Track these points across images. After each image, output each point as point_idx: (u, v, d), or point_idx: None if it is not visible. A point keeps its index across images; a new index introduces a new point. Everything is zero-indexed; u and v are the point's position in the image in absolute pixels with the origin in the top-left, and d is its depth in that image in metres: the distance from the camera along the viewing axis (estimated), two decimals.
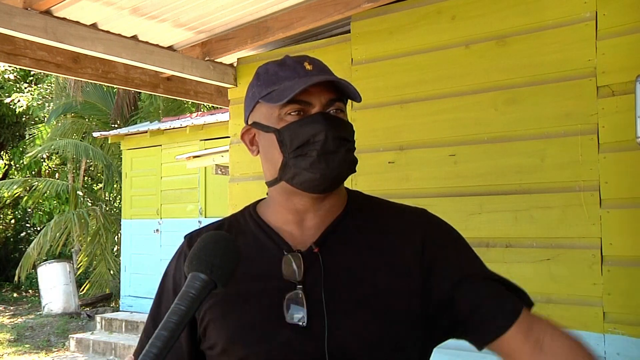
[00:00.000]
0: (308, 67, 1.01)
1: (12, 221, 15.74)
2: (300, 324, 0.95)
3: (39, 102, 13.07)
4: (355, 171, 1.03)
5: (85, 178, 13.11)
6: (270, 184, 1.06)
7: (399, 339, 0.97)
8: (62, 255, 12.00)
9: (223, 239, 0.87)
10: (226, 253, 0.84)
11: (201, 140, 7.96)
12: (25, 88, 14.02)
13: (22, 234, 15.41)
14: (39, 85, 14.11)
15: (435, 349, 1.06)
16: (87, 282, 10.69)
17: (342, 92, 1.01)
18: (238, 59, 3.14)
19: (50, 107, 12.71)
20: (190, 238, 1.10)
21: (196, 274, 0.81)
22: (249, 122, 1.07)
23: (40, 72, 8.13)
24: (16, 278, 10.46)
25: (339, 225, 1.03)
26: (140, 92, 11.05)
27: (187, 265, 0.83)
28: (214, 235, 0.87)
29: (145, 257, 8.67)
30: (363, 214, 1.07)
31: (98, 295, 10.63)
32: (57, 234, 10.16)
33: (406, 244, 1.02)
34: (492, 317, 0.99)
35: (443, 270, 1.01)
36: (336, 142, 0.97)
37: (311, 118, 0.98)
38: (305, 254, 0.99)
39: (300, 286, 0.97)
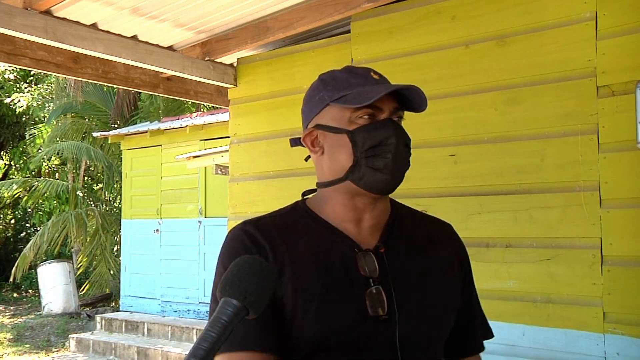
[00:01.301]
0: (375, 76, 1.10)
1: (12, 221, 15.74)
2: (381, 316, 1.03)
3: (39, 102, 13.07)
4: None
5: (85, 178, 13.10)
6: (328, 184, 1.11)
7: (446, 333, 1.13)
8: (62, 255, 12.00)
9: (258, 264, 0.84)
10: (261, 278, 0.82)
11: (201, 140, 7.95)
12: (25, 88, 14.01)
13: (22, 234, 15.41)
14: (39, 85, 14.11)
15: None
16: (87, 282, 10.69)
17: (403, 102, 1.10)
18: (238, 59, 3.14)
19: (51, 107, 12.71)
20: (247, 230, 1.09)
21: (229, 299, 0.79)
22: (311, 126, 1.12)
23: (40, 72, 8.14)
24: (11, 278, 10.44)
25: (393, 227, 1.13)
26: (140, 92, 11.05)
27: (219, 289, 0.81)
28: (248, 259, 0.85)
29: (145, 257, 8.66)
30: (408, 220, 1.17)
31: (98, 295, 10.63)
32: (55, 235, 10.15)
33: (449, 254, 1.18)
34: (466, 345, 1.22)
35: (466, 287, 1.20)
36: (403, 147, 1.07)
37: (383, 123, 1.06)
38: (374, 252, 1.07)
39: (377, 282, 1.04)
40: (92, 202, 12.09)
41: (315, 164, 1.14)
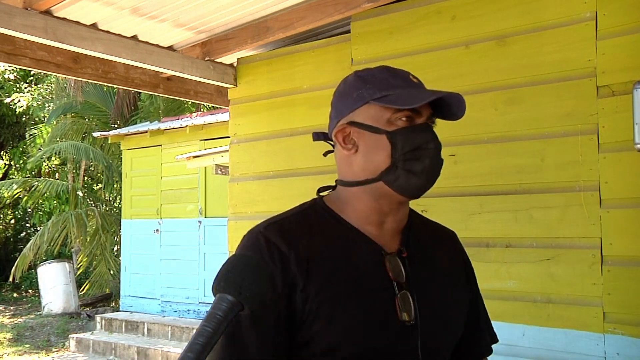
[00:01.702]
0: (414, 80, 1.10)
1: (12, 221, 15.74)
2: (408, 321, 1.02)
3: (39, 102, 13.07)
4: None
5: (85, 178, 13.10)
6: (357, 183, 1.07)
7: (457, 339, 1.14)
8: (62, 255, 12.00)
9: (253, 261, 0.88)
10: (255, 275, 0.84)
11: (201, 140, 7.95)
12: (25, 88, 14.02)
13: (22, 234, 15.41)
14: (39, 85, 14.11)
15: None
16: (87, 282, 10.69)
17: (436, 108, 1.10)
18: (238, 59, 3.14)
19: (51, 107, 12.71)
20: (269, 234, 1.04)
21: (224, 295, 0.81)
22: (344, 122, 1.08)
23: (40, 72, 8.13)
24: (10, 278, 10.44)
25: (410, 231, 1.12)
26: (140, 92, 11.05)
27: (215, 285, 0.83)
28: (243, 257, 0.89)
29: (145, 257, 8.66)
30: (420, 226, 1.17)
31: (98, 295, 10.63)
32: (55, 235, 10.15)
33: (457, 261, 1.20)
34: (473, 349, 1.22)
35: (472, 292, 1.21)
36: (439, 152, 1.08)
37: (422, 127, 1.06)
38: (398, 256, 1.07)
39: (404, 288, 1.04)
40: (92, 202, 12.09)
41: (342, 161, 1.09)
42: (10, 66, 12.75)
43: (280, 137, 2.92)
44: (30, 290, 12.83)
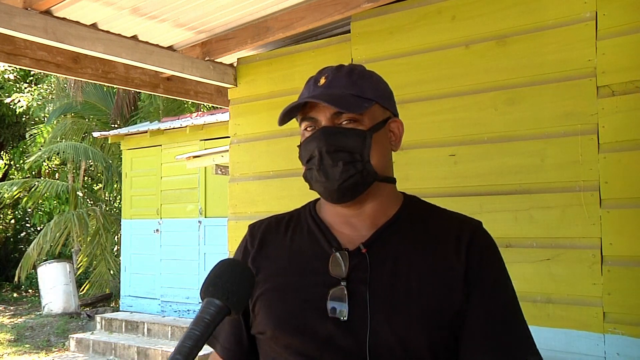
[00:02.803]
0: (322, 81, 1.09)
1: (12, 221, 15.74)
2: (341, 318, 1.00)
3: (39, 102, 13.07)
4: (369, 179, 1.07)
5: (85, 178, 13.10)
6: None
7: (433, 341, 1.00)
8: (62, 255, 12.00)
9: (239, 266, 0.90)
10: (242, 280, 0.87)
11: (201, 140, 7.96)
12: (25, 88, 14.02)
13: (22, 234, 15.41)
14: (39, 85, 14.12)
15: None
16: (87, 282, 10.69)
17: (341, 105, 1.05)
18: (238, 59, 3.14)
19: (51, 107, 12.71)
20: (253, 227, 1.20)
21: (211, 299, 0.83)
22: None
23: (40, 72, 8.13)
24: (16, 279, 10.46)
25: (388, 229, 1.09)
26: (140, 92, 11.05)
27: (203, 290, 0.86)
28: (230, 262, 0.90)
29: (145, 257, 8.66)
30: (414, 219, 1.12)
31: (98, 295, 10.63)
32: (57, 235, 10.16)
33: (451, 254, 1.05)
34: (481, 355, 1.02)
35: (472, 288, 1.03)
36: (333, 155, 1.03)
37: (313, 135, 1.06)
38: (354, 253, 1.05)
39: (344, 283, 1.02)
40: (91, 202, 12.09)
41: None
42: (10, 66, 12.76)
43: (280, 137, 2.92)
44: (30, 290, 12.83)
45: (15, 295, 12.62)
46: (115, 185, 12.07)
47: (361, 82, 1.10)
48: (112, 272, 10.41)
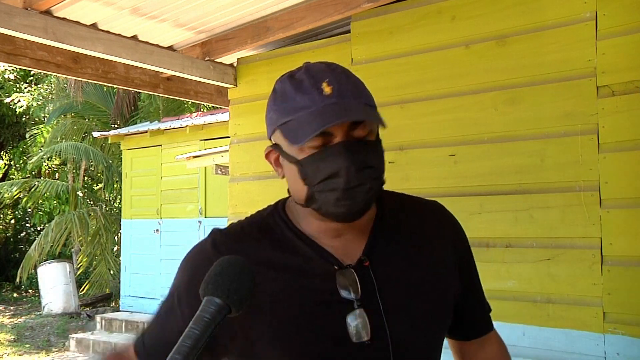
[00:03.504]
0: (327, 90, 0.92)
1: (12, 221, 15.74)
2: (365, 339, 0.94)
3: (39, 102, 13.07)
4: (380, 192, 1.00)
5: (85, 178, 13.10)
6: (298, 203, 1.00)
7: (445, 328, 1.08)
8: (62, 255, 12.00)
9: (239, 263, 0.86)
10: (242, 278, 0.83)
11: (201, 140, 7.95)
12: (25, 88, 14.02)
13: (22, 234, 15.41)
14: (39, 85, 14.12)
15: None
16: (87, 282, 10.69)
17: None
18: (238, 59, 3.14)
19: (51, 108, 12.71)
20: (215, 239, 1.04)
21: (211, 298, 0.80)
22: (271, 144, 1.00)
23: (40, 72, 8.13)
24: (17, 279, 10.46)
25: (379, 233, 1.01)
26: (140, 92, 11.05)
27: (202, 288, 0.82)
28: (230, 260, 0.86)
29: (145, 257, 8.66)
30: (396, 215, 1.06)
31: (98, 295, 10.63)
32: (58, 235, 10.16)
33: (441, 241, 1.08)
34: (478, 321, 1.18)
35: (464, 272, 1.11)
36: (360, 174, 0.90)
37: (332, 150, 0.90)
38: (356, 267, 0.97)
39: (360, 303, 0.95)
40: (92, 203, 12.09)
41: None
42: (10, 66, 12.75)
43: None
44: (30, 290, 12.82)
45: (15, 295, 12.61)
46: (115, 185, 12.08)
47: (361, 87, 1.02)
48: (112, 272, 10.41)
